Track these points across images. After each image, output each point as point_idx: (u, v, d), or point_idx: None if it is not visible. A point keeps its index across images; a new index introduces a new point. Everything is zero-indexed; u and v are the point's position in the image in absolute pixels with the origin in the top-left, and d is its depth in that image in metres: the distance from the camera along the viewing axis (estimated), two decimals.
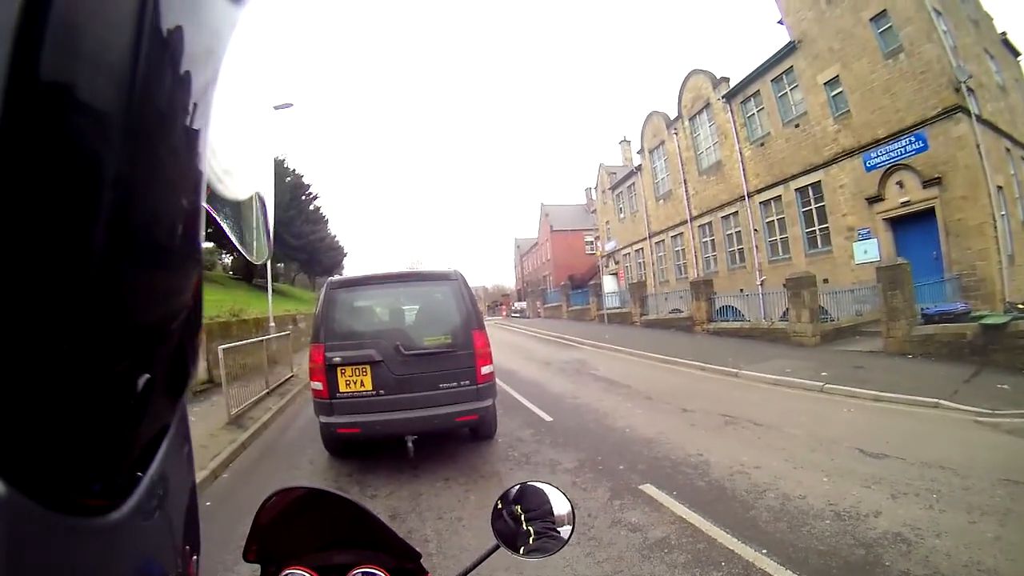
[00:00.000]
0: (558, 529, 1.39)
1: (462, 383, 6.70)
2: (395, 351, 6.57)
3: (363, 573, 1.34)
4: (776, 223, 22.48)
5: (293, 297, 38.34)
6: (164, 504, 0.50)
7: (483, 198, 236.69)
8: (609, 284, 37.12)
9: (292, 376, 14.91)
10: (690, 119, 28.03)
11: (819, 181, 20.11)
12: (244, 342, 11.93)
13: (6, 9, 0.29)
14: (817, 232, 20.55)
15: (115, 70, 0.33)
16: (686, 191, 28.54)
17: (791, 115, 21.38)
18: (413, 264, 76.06)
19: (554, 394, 11.26)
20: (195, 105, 0.41)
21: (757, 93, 22.99)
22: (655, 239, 32.55)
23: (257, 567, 1.39)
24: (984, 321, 11.04)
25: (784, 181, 21.62)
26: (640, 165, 33.73)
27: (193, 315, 0.47)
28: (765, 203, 22.84)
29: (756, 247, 23.26)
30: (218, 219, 0.65)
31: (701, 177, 27.51)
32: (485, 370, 6.83)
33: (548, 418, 9.13)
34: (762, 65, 22.36)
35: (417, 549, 1.37)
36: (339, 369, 6.50)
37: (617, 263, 38.45)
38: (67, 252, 0.32)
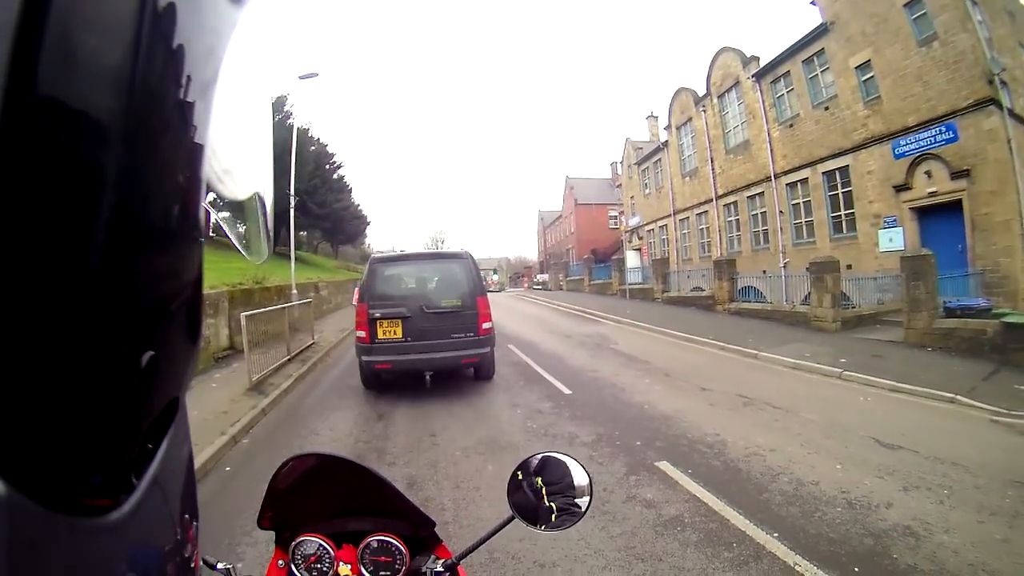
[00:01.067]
0: (577, 502, 1.38)
1: (467, 334, 9.06)
2: (420, 309, 8.92)
3: (377, 540, 1.36)
4: (802, 206, 22.56)
5: (315, 265, 39.09)
6: (164, 503, 0.51)
7: (508, 169, 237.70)
8: (632, 260, 37.42)
9: (313, 343, 14.98)
10: (719, 97, 27.91)
11: (847, 166, 20.14)
12: (265, 309, 11.83)
13: (6, 9, 0.29)
14: (843, 217, 20.64)
15: (115, 70, 0.34)
16: (712, 169, 28.58)
17: (821, 97, 21.32)
18: (435, 237, 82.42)
19: (574, 367, 11.53)
20: (195, 105, 0.43)
21: (787, 73, 22.88)
22: (679, 216, 32.66)
23: (272, 534, 1.44)
24: (1006, 319, 11.13)
25: (812, 164, 21.65)
26: (667, 141, 33.69)
27: (194, 294, 0.50)
28: (792, 185, 22.90)
29: (781, 229, 23.38)
30: (218, 219, 0.69)
31: (728, 156, 27.50)
32: (485, 325, 9.17)
33: (567, 391, 9.36)
34: (793, 45, 22.24)
35: (432, 517, 1.41)
36: (378, 322, 8.84)
37: (641, 239, 38.62)
38: (68, 250, 0.33)
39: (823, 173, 21.18)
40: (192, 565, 0.62)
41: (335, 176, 46.43)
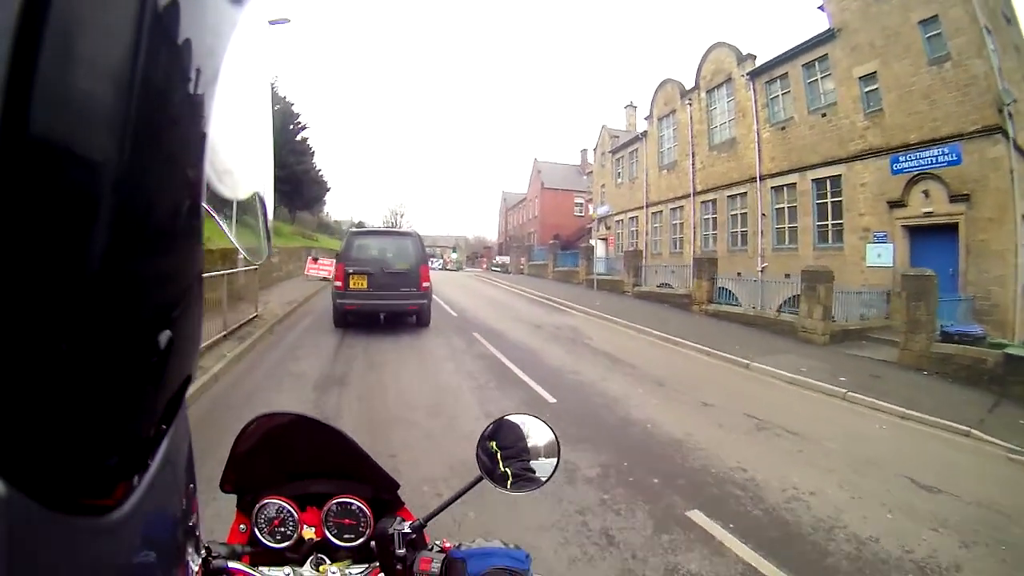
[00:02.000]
0: (533, 467, 1.39)
1: (412, 289, 12.75)
2: (380, 269, 12.54)
3: (340, 503, 1.34)
4: (786, 211, 21.99)
5: None
6: (174, 477, 0.52)
7: (474, 148, 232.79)
8: (598, 249, 36.51)
9: (256, 316, 13.40)
10: (707, 92, 27.18)
11: (839, 175, 19.59)
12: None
13: (5, 9, 0.29)
14: (829, 227, 20.13)
15: (115, 70, 0.33)
16: (693, 164, 27.87)
17: (819, 103, 20.68)
18: (395, 210, 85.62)
19: (551, 367, 10.35)
20: (195, 104, 0.42)
21: (785, 75, 22.17)
22: (653, 209, 31.91)
23: (234, 497, 1.38)
24: (1008, 351, 10.71)
25: (802, 169, 21.06)
26: (646, 131, 32.79)
27: (197, 285, 0.50)
28: (777, 188, 22.30)
29: (761, 232, 22.82)
30: (218, 219, 0.66)
31: (711, 152, 26.81)
32: (424, 284, 12.93)
33: (551, 398, 8.21)
34: (795, 48, 21.53)
35: (395, 479, 1.38)
36: (350, 276, 12.38)
37: (608, 228, 37.72)
38: (69, 251, 0.33)
39: (813, 180, 20.60)
40: (197, 533, 0.65)
41: (298, 138, 44.06)
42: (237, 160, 0.62)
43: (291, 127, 42.57)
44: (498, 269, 55.55)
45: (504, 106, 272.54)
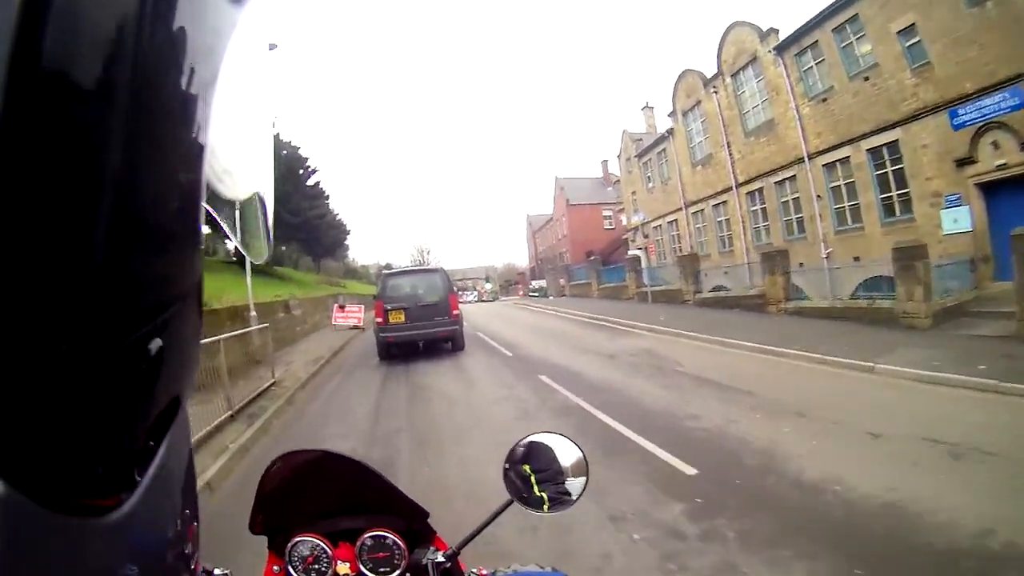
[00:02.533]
0: (568, 487, 1.36)
1: (444, 317, 14.42)
2: (414, 304, 14.34)
3: (372, 537, 1.34)
4: (843, 188, 20.45)
5: (294, 281, 35.88)
6: (167, 500, 0.52)
7: (492, 174, 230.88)
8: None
9: (272, 384, 11.41)
10: (732, 76, 25.96)
11: (896, 140, 18.03)
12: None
13: (6, 8, 0.29)
14: (895, 198, 18.54)
15: (115, 70, 0.34)
16: (729, 154, 26.51)
17: (858, 67, 19.26)
18: (420, 248, 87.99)
19: (658, 414, 8.14)
20: (195, 104, 0.42)
21: (815, 44, 20.79)
22: (692, 209, 30.48)
23: (264, 539, 1.38)
24: None
25: (853, 140, 19.54)
26: (672, 129, 31.54)
27: (194, 297, 0.50)
28: (829, 166, 20.79)
29: (819, 216, 21.27)
30: (218, 219, 0.66)
31: (748, 139, 25.41)
32: (455, 313, 14.66)
33: (687, 468, 5.94)
34: (821, 13, 20.14)
35: (425, 508, 1.37)
36: (389, 312, 14.20)
37: (647, 237, 36.21)
38: (68, 248, 0.33)
39: (868, 150, 19.06)
40: (192, 566, 0.63)
41: (309, 183, 43.65)
42: (237, 160, 0.61)
43: (300, 171, 42.28)
44: (536, 294, 54.64)
45: (517, 128, 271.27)
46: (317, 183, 45.25)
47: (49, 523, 0.35)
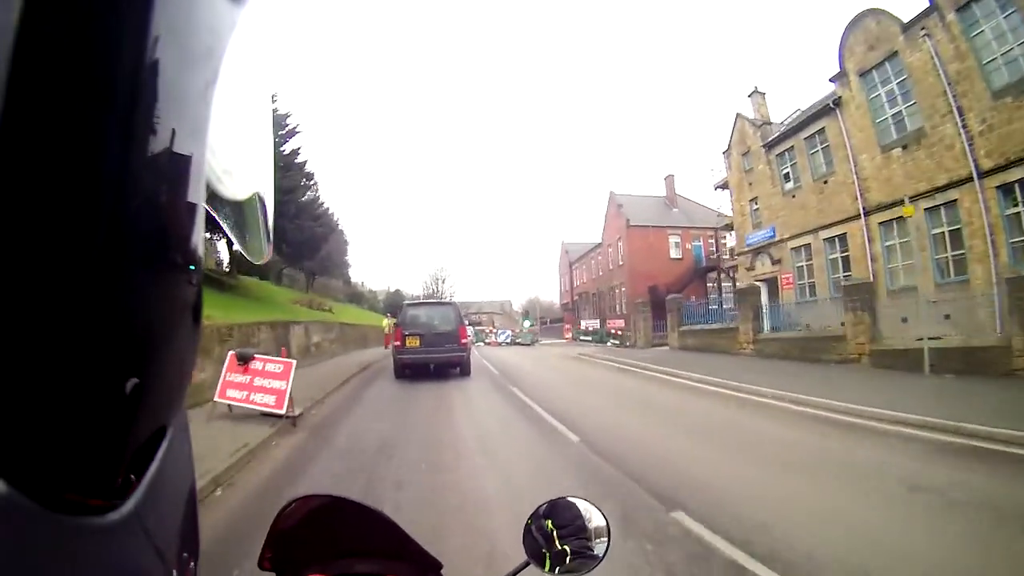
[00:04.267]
0: (591, 546, 1.33)
1: (454, 345, 16.39)
2: (428, 331, 16.29)
3: None
4: None
5: (252, 297, 25.78)
6: (163, 505, 0.50)
7: (514, 198, 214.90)
8: (763, 294, 24.09)
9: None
10: (959, 10, 16.23)
11: None
12: None
13: (6, 9, 0.29)
14: None
15: (115, 70, 0.34)
16: (963, 127, 16.36)
17: None
18: (436, 275, 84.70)
19: None
20: (195, 105, 0.43)
21: None
22: (880, 218, 19.72)
23: (272, 575, 1.34)
24: None
25: None
26: (838, 98, 21.05)
27: (192, 316, 0.48)
28: None
29: None
30: (218, 219, 0.65)
31: (999, 101, 15.45)
32: (464, 340, 16.76)
33: None
34: None
35: (438, 560, 1.33)
36: (407, 337, 16.15)
37: (777, 262, 25.19)
38: (66, 253, 0.33)
39: None
40: None
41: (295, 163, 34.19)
42: (237, 160, 0.61)
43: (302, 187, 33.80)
44: (590, 338, 43.59)
45: (544, 151, 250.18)
46: (308, 176, 36.00)
47: (49, 523, 0.35)
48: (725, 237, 36.72)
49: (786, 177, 24.95)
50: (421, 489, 6.03)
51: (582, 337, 46.18)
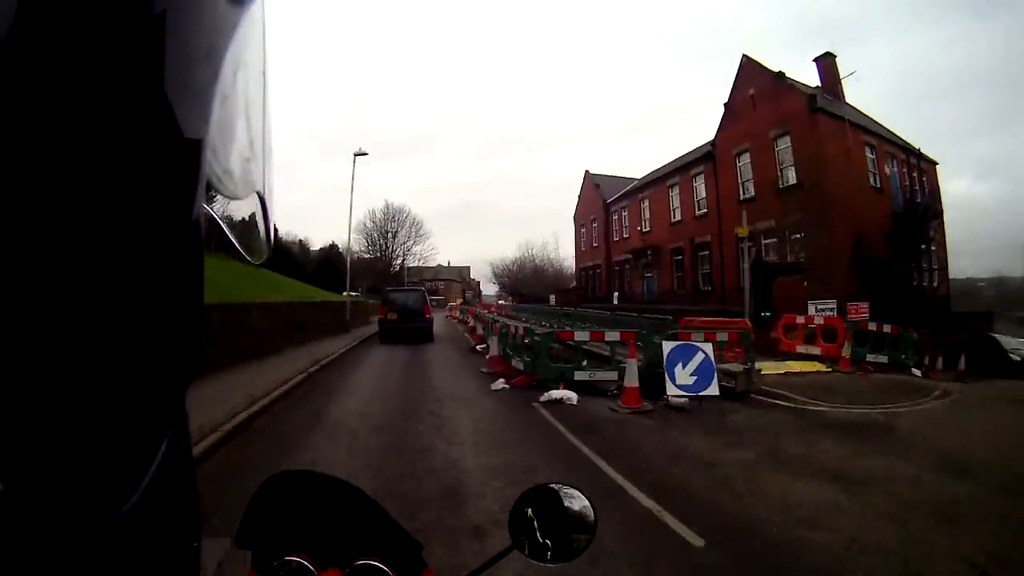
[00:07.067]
0: (576, 537, 1.30)
1: (420, 317, 22.40)
2: (403, 308, 22.75)
3: (362, 565, 1.24)
4: None
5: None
6: (164, 504, 0.51)
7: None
8: None
9: None
10: None
11: None
12: None
13: (6, 7, 0.29)
14: None
15: (114, 70, 0.34)
16: None
17: None
18: (384, 226, 74.47)
19: None
20: (195, 105, 0.42)
21: None
22: None
23: (249, 553, 1.29)
24: None
25: None
26: None
27: (194, 311, 0.49)
28: None
29: None
30: (218, 219, 0.66)
31: None
32: (427, 316, 22.66)
33: None
34: None
35: (419, 541, 1.29)
36: (388, 312, 22.70)
37: None
38: (65, 251, 0.33)
39: None
40: None
41: None
42: (237, 160, 0.60)
43: None
44: (883, 358, 14.19)
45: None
46: None
47: (49, 523, 0.35)
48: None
49: None
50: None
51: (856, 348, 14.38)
